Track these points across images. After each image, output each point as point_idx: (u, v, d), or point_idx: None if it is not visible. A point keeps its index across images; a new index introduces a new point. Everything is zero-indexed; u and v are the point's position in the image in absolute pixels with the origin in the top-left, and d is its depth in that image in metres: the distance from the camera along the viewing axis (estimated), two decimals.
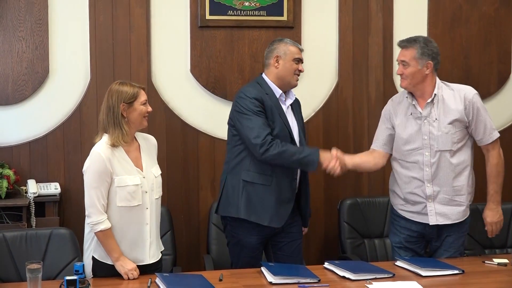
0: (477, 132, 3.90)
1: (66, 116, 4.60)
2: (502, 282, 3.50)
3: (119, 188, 3.48)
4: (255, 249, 4.00)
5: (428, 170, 3.86)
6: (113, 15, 4.60)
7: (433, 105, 3.86)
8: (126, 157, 3.54)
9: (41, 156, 4.57)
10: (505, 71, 5.18)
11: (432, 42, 3.90)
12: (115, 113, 3.50)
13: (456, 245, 3.96)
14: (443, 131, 3.83)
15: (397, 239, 4.04)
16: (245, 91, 3.93)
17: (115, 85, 3.57)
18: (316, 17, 4.89)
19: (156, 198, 3.61)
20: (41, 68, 4.54)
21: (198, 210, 4.79)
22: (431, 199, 3.88)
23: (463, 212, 3.92)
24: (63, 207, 4.56)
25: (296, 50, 3.99)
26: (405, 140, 3.91)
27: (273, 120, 3.88)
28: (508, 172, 5.12)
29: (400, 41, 3.94)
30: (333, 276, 3.55)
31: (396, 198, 4.05)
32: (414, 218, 3.95)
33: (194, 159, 4.77)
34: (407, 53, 3.85)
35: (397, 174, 4.00)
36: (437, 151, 3.84)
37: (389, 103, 4.08)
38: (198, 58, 4.72)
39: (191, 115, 4.76)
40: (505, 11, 5.13)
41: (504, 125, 5.21)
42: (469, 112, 3.85)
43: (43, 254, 3.71)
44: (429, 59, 3.84)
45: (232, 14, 4.73)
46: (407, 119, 3.92)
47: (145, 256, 3.57)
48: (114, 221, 3.50)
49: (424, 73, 3.84)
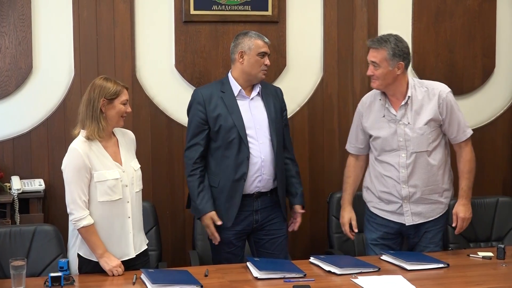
0: (451, 130, 3.90)
1: (50, 112, 4.57)
2: (487, 275, 3.51)
3: (98, 183, 3.47)
4: (231, 245, 4.04)
5: (404, 171, 3.86)
6: (97, 10, 4.58)
7: (407, 106, 3.85)
8: (104, 152, 3.54)
9: (25, 152, 4.55)
10: (489, 65, 5.19)
11: (402, 41, 3.84)
12: (94, 107, 3.49)
13: (435, 240, 3.98)
14: (418, 133, 3.82)
15: (373, 236, 4.03)
16: (194, 93, 4.09)
17: (99, 79, 3.57)
18: (301, 12, 4.88)
19: (136, 192, 3.61)
20: (24, 63, 4.50)
21: (183, 205, 4.75)
22: (406, 199, 3.88)
23: (439, 209, 3.94)
24: (48, 203, 4.53)
25: (261, 43, 3.97)
26: (381, 141, 3.90)
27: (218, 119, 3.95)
28: (492, 167, 5.21)
29: (370, 41, 3.86)
30: (319, 271, 3.56)
31: (370, 195, 4.04)
32: (389, 217, 3.96)
33: (179, 155, 4.75)
34: (378, 54, 3.78)
35: (374, 172, 3.99)
36: (413, 153, 3.84)
37: (360, 105, 4.06)
38: (183, 53, 4.71)
39: (176, 111, 4.74)
40: (489, 5, 5.14)
41: (488, 119, 5.23)
42: (442, 110, 3.84)
43: (27, 251, 3.68)
44: (400, 60, 3.78)
45: (216, 9, 4.71)
46: (381, 121, 3.90)
47: (129, 250, 3.57)
48: (97, 216, 3.50)
49: (396, 73, 3.80)
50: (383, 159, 3.92)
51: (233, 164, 3.95)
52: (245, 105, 4.01)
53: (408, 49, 3.85)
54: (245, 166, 3.94)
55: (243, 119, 3.95)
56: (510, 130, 5.24)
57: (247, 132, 3.95)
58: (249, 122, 3.97)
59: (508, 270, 3.61)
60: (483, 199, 4.50)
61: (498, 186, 5.24)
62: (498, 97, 5.26)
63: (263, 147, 3.97)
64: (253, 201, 4.01)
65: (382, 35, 3.88)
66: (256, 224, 4.06)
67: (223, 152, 3.98)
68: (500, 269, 3.63)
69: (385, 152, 3.91)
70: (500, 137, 5.25)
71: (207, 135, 4.00)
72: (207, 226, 4.02)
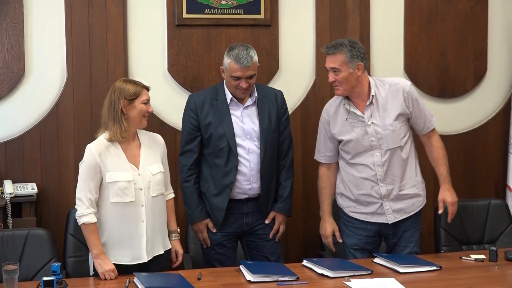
0: (418, 122, 3.93)
1: (42, 116, 4.56)
2: (479, 278, 3.52)
3: (110, 184, 3.50)
4: (221, 246, 4.06)
5: (380, 170, 3.87)
6: (89, 14, 4.57)
7: (372, 106, 3.87)
8: (121, 153, 3.56)
9: (18, 156, 4.53)
10: (481, 68, 5.20)
11: (357, 43, 3.87)
12: (116, 109, 3.54)
13: (414, 239, 4.00)
14: (390, 129, 3.85)
15: (353, 241, 4.02)
16: (188, 99, 4.11)
17: (119, 82, 3.64)
18: (293, 15, 4.89)
19: (153, 196, 3.61)
20: (16, 67, 4.50)
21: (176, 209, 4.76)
22: (386, 198, 3.90)
23: (418, 202, 3.96)
24: (40, 207, 4.52)
25: (235, 67, 3.87)
26: (353, 144, 3.90)
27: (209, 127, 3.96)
28: (484, 170, 5.23)
29: (325, 48, 3.87)
30: (312, 274, 3.56)
31: (346, 201, 4.04)
32: (369, 219, 3.96)
33: (172, 158, 4.71)
34: (336, 59, 3.80)
35: (348, 177, 3.99)
36: (388, 150, 3.86)
37: (325, 113, 4.05)
38: (175, 57, 4.71)
39: (168, 114, 4.74)
40: (480, 8, 5.15)
41: (480, 122, 5.24)
42: (409, 103, 3.88)
43: (20, 255, 3.69)
44: (358, 60, 3.81)
45: (209, 12, 4.71)
46: (349, 125, 3.91)
47: (142, 254, 3.58)
48: (109, 217, 3.54)
49: (357, 75, 3.82)
50: (356, 161, 3.93)
51: (222, 172, 3.97)
52: (238, 113, 4.00)
53: (364, 50, 3.88)
54: (233, 175, 3.95)
55: (233, 128, 3.96)
56: (502, 133, 5.25)
57: (237, 141, 3.95)
58: (240, 132, 3.97)
59: (500, 273, 3.62)
60: (476, 202, 4.51)
61: (490, 189, 5.25)
62: (490, 100, 5.27)
63: (252, 156, 3.98)
64: (242, 204, 4.03)
65: (335, 41, 3.90)
66: (246, 227, 4.07)
67: (213, 160, 4.00)
68: (493, 272, 3.64)
69: (358, 154, 3.92)
70: (492, 140, 5.26)
71: (200, 142, 4.02)
72: (200, 231, 4.04)
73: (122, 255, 3.55)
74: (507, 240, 4.42)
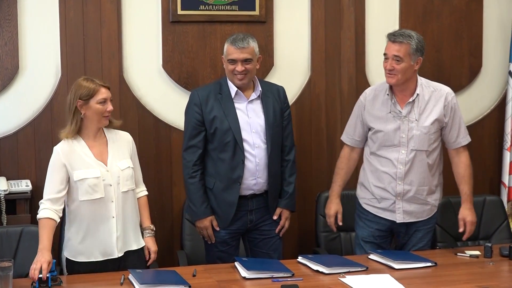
0: (452, 134, 3.92)
1: (36, 112, 4.54)
2: (474, 274, 3.53)
3: (79, 182, 3.49)
4: (225, 244, 4.04)
5: (401, 168, 3.87)
6: (84, 10, 4.55)
7: (413, 104, 3.86)
8: (88, 151, 3.55)
9: (12, 153, 4.52)
10: (476, 65, 5.21)
11: (422, 37, 3.87)
12: (71, 108, 3.54)
13: (425, 239, 4.00)
14: (422, 131, 3.84)
15: (365, 233, 4.03)
16: (191, 94, 4.08)
17: (79, 80, 3.61)
18: (288, 11, 4.88)
19: (123, 191, 3.59)
20: (10, 64, 4.48)
21: (171, 206, 4.76)
22: (400, 197, 3.90)
23: (429, 210, 3.96)
24: (35, 204, 4.46)
25: (231, 50, 3.90)
26: (382, 135, 3.90)
27: (214, 122, 3.95)
28: (479, 166, 5.23)
29: (392, 35, 3.84)
30: (307, 270, 3.56)
31: (364, 192, 4.05)
32: (380, 214, 3.97)
33: (167, 155, 4.74)
34: (402, 48, 3.78)
35: (370, 167, 3.99)
36: (413, 150, 3.85)
37: (363, 97, 4.05)
38: (170, 53, 4.69)
39: (163, 111, 4.73)
40: (475, 5, 5.16)
41: (475, 118, 5.25)
42: (447, 112, 3.87)
43: (14, 252, 3.69)
44: (420, 55, 3.83)
45: (204, 8, 4.70)
46: (385, 116, 3.90)
47: (112, 250, 3.57)
48: (81, 215, 3.52)
49: (414, 68, 3.83)
50: (381, 154, 3.93)
51: (229, 167, 3.95)
52: (243, 107, 3.99)
53: (424, 46, 3.88)
54: (241, 169, 3.94)
55: (239, 122, 3.94)
56: (497, 130, 5.26)
57: (242, 135, 3.94)
58: (245, 126, 3.96)
59: (495, 269, 3.63)
60: None
61: (485, 185, 5.25)
62: (485, 97, 5.28)
63: (258, 151, 3.96)
64: (247, 201, 4.01)
65: (402, 30, 3.89)
66: (250, 224, 4.06)
67: (218, 154, 3.97)
68: (487, 268, 3.64)
69: (384, 147, 3.91)
70: (487, 136, 5.27)
71: (204, 137, 3.99)
72: (205, 228, 4.02)
73: (93, 252, 3.53)
74: (502, 236, 4.43)
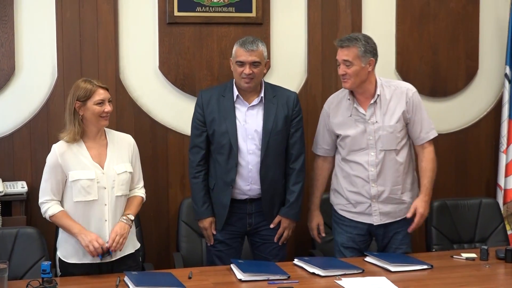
0: (415, 130, 3.93)
1: (32, 114, 4.53)
2: (470, 277, 3.53)
3: (73, 183, 3.49)
4: (223, 244, 4.05)
5: (373, 170, 3.88)
6: (80, 11, 4.55)
7: (376, 105, 3.87)
8: (85, 152, 3.54)
9: (8, 155, 4.51)
10: (473, 67, 5.21)
11: (371, 38, 3.88)
12: (70, 110, 3.54)
13: (406, 241, 4.01)
14: (388, 131, 3.85)
15: (343, 239, 4.03)
16: (198, 95, 4.13)
17: (78, 81, 3.61)
18: (285, 13, 4.88)
19: (118, 195, 3.57)
20: (6, 65, 4.47)
21: (167, 207, 4.76)
22: (375, 199, 3.90)
23: (406, 209, 3.95)
24: (30, 206, 4.49)
25: (240, 52, 3.90)
26: (350, 140, 3.91)
27: (213, 123, 3.97)
28: (475, 168, 5.23)
29: (339, 41, 3.87)
30: (303, 273, 3.56)
31: (339, 198, 4.05)
32: (356, 218, 3.98)
33: (163, 157, 4.74)
34: (350, 52, 3.80)
35: (342, 173, 4.00)
36: (382, 151, 3.86)
37: (326, 105, 4.08)
38: (167, 55, 4.69)
39: (160, 112, 4.73)
40: (472, 7, 5.16)
41: (471, 120, 5.25)
42: (409, 109, 3.89)
43: (10, 254, 3.67)
44: (371, 56, 3.83)
45: (200, 10, 4.70)
46: (349, 120, 3.92)
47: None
48: (73, 216, 3.52)
49: (367, 70, 3.83)
50: (351, 158, 3.94)
51: (223, 169, 3.96)
52: (242, 112, 3.99)
53: (376, 47, 3.88)
54: (234, 173, 3.94)
55: (236, 127, 3.94)
56: (494, 132, 5.26)
57: (238, 139, 3.93)
58: (241, 131, 3.95)
59: (491, 271, 3.63)
60: (467, 201, 4.53)
61: (481, 188, 5.25)
62: (482, 99, 5.28)
63: (251, 157, 3.96)
64: (246, 205, 4.02)
65: (350, 34, 3.93)
66: (250, 228, 4.06)
67: (216, 156, 3.99)
68: (484, 270, 3.64)
69: (353, 151, 3.92)
70: (483, 138, 5.27)
71: (206, 138, 4.02)
72: (205, 228, 4.05)
73: (85, 254, 3.51)
74: (498, 239, 4.43)
